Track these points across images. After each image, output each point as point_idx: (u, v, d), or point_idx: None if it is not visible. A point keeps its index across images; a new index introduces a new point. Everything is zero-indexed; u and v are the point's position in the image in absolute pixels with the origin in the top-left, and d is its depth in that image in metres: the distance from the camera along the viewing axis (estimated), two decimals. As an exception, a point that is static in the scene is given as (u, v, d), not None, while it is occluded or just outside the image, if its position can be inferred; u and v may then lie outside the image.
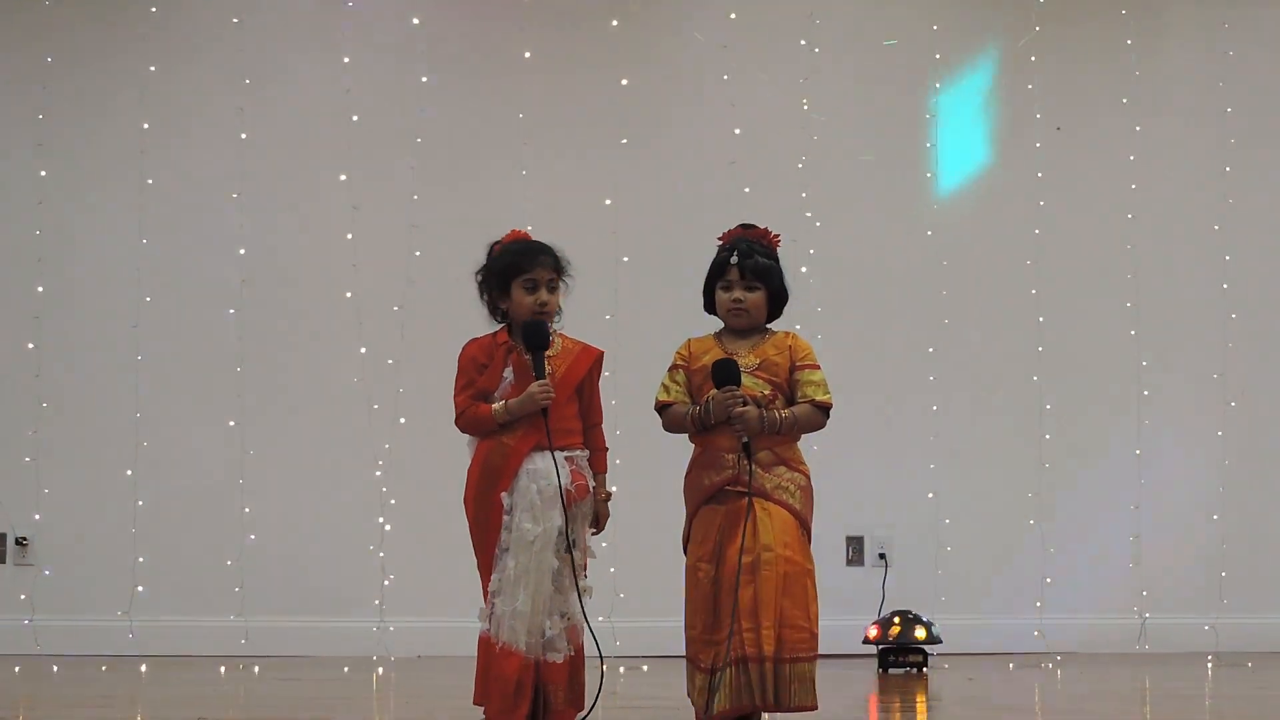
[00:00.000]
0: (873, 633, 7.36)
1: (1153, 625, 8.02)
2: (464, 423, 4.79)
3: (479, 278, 4.91)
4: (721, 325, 4.92)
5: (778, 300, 4.86)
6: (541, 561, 4.69)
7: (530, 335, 4.74)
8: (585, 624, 4.75)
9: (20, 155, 7.98)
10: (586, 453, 4.86)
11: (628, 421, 6.47)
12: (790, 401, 4.79)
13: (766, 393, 4.74)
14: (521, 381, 4.75)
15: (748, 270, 4.80)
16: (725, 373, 4.70)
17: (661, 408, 4.86)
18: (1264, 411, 8.19)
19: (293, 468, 7.89)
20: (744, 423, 4.66)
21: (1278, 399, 8.22)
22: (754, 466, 4.69)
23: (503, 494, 4.70)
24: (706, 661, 4.67)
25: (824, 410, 4.79)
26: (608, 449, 4.94)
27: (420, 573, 7.67)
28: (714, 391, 4.70)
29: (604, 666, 4.78)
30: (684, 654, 4.83)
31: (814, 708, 4.71)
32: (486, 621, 4.72)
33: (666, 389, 4.87)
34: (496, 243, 4.93)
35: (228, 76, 8.00)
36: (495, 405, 4.72)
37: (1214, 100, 8.30)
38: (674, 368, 4.89)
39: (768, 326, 4.90)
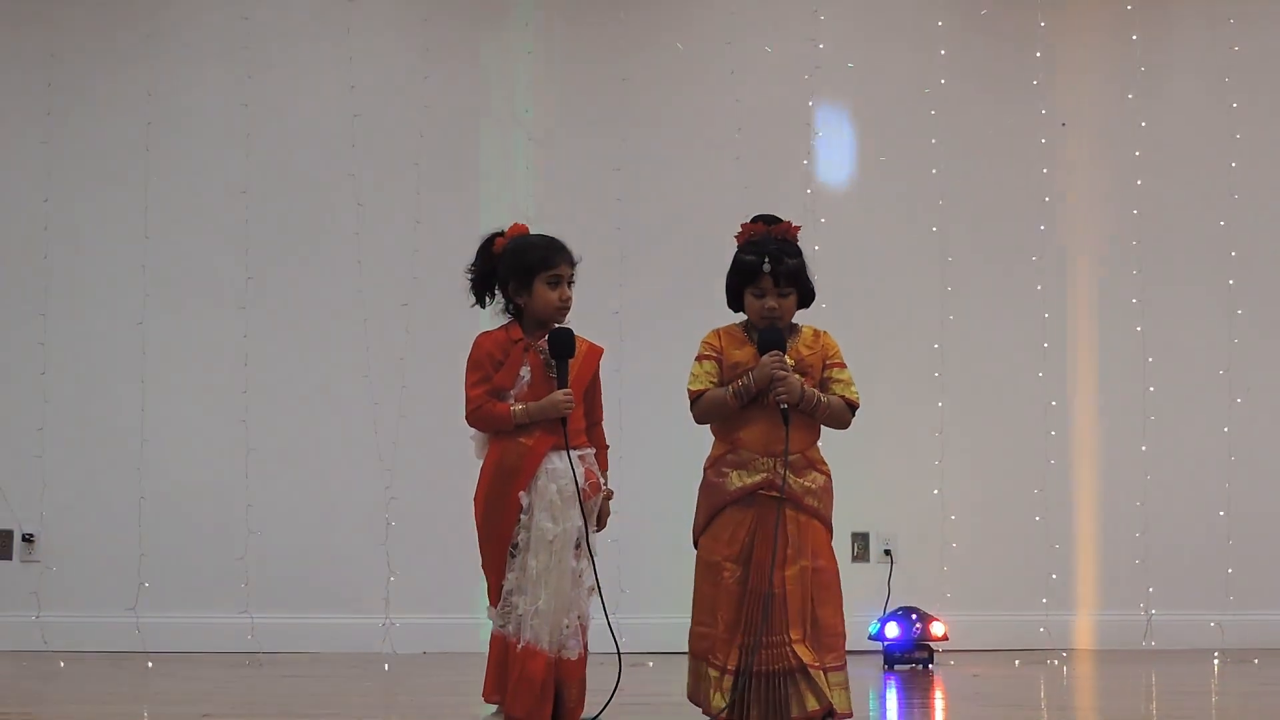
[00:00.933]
0: (879, 629, 7.36)
1: (1158, 622, 8.01)
2: (477, 418, 4.76)
3: (471, 274, 4.89)
4: (743, 319, 4.91)
5: (807, 298, 4.86)
6: (561, 561, 4.70)
7: (558, 344, 4.73)
8: (607, 623, 4.76)
9: (26, 152, 7.97)
10: (593, 450, 4.87)
11: (633, 417, 6.50)
12: (820, 403, 4.82)
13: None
14: (538, 384, 4.74)
15: (781, 277, 4.77)
16: (772, 339, 4.71)
17: (696, 396, 4.82)
18: (1270, 407, 8.17)
19: (298, 464, 7.89)
20: (787, 387, 4.66)
21: (1283, 395, 8.23)
22: (788, 471, 4.69)
23: (520, 493, 4.70)
24: (723, 659, 4.67)
25: (853, 409, 4.82)
26: (608, 446, 4.95)
27: (426, 569, 7.67)
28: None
29: (620, 665, 4.78)
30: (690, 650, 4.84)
31: (850, 715, 4.73)
32: (501, 620, 4.71)
33: (697, 377, 4.83)
34: (498, 235, 4.90)
35: (232, 75, 7.99)
36: (515, 407, 4.71)
37: (1219, 96, 8.28)
38: (704, 357, 4.85)
39: (793, 322, 4.90)
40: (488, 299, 4.89)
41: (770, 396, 4.69)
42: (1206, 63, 8.35)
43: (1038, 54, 8.22)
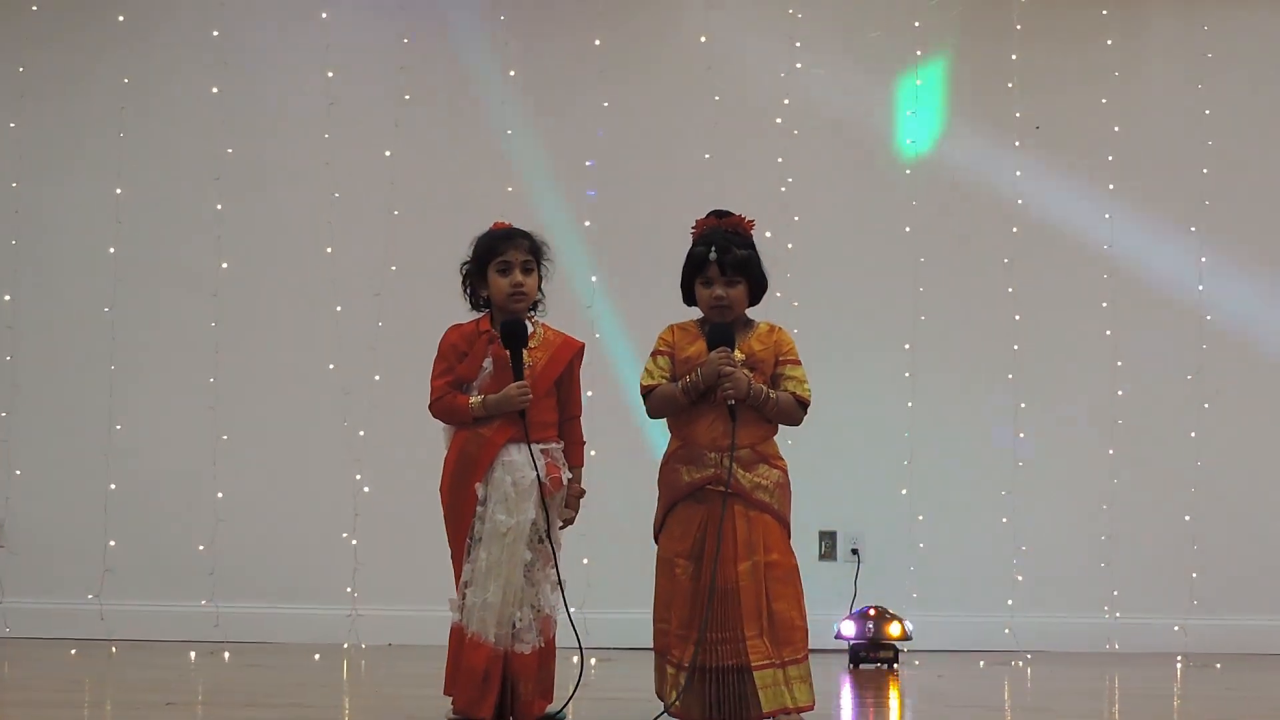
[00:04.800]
0: (844, 628, 7.38)
1: (1122, 625, 8.04)
2: (438, 409, 4.80)
3: (464, 270, 4.93)
4: (701, 315, 4.93)
5: (758, 289, 4.87)
6: (514, 554, 4.69)
7: (509, 333, 4.74)
8: (568, 617, 4.75)
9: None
10: (561, 445, 4.86)
11: (603, 412, 6.48)
12: (773, 397, 4.81)
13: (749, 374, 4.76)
14: (500, 375, 4.75)
15: (727, 266, 4.80)
16: (721, 335, 4.72)
17: (647, 391, 4.85)
18: (1237, 413, 8.21)
19: (266, 453, 7.87)
20: (734, 383, 4.68)
21: (1251, 401, 8.25)
22: (734, 465, 4.70)
23: (477, 485, 4.71)
24: (678, 656, 4.68)
25: (803, 405, 4.82)
26: (584, 442, 4.94)
27: (392, 560, 7.66)
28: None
29: (582, 660, 4.78)
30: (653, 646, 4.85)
31: (811, 706, 4.74)
32: (458, 612, 4.73)
33: (650, 373, 4.86)
34: (481, 236, 4.95)
35: (206, 90, 7.95)
36: (473, 399, 4.73)
37: (1192, 102, 8.31)
38: (658, 353, 4.89)
39: (749, 318, 4.92)
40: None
41: (718, 392, 4.71)
42: (1180, 68, 8.38)
43: (1013, 57, 8.24)
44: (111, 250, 7.87)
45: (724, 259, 4.79)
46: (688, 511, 4.77)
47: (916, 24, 8.21)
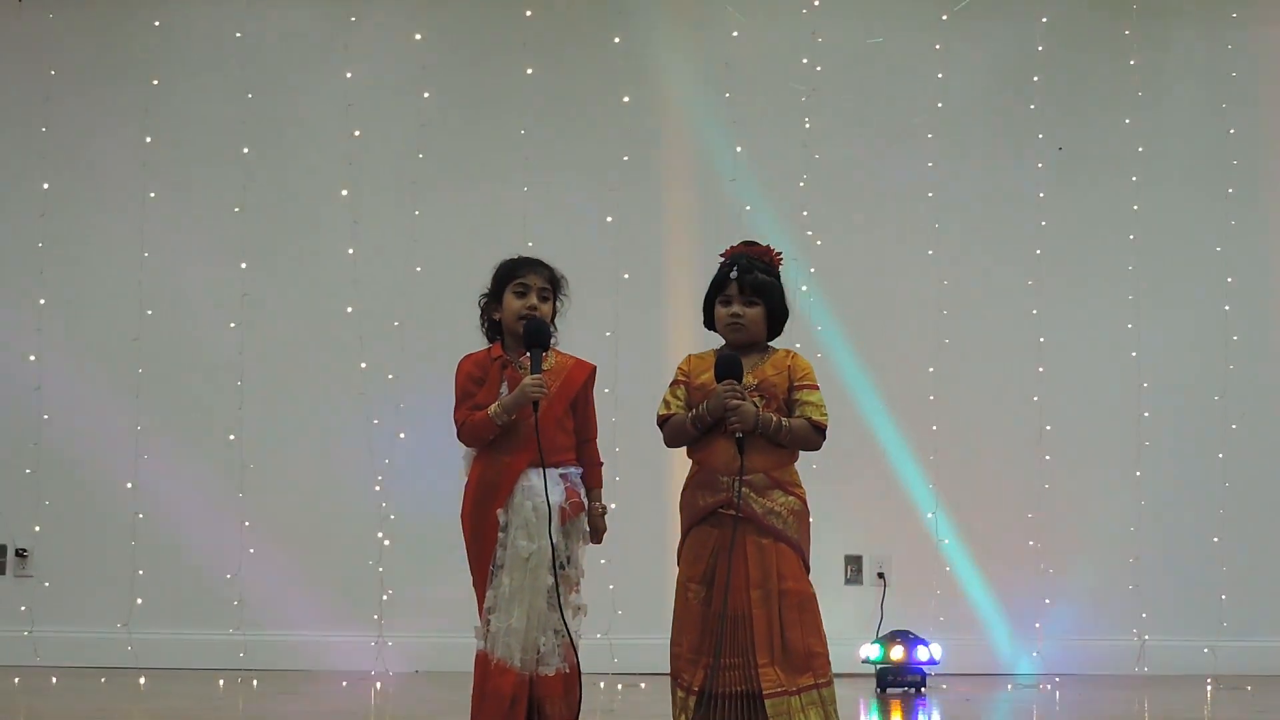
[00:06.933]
0: (871, 652, 7.36)
1: (1152, 647, 8.00)
2: (465, 434, 4.78)
3: (481, 302, 4.92)
4: (723, 342, 4.92)
5: (776, 318, 4.84)
6: (536, 579, 4.69)
7: (531, 333, 4.73)
8: (569, 637, 4.73)
9: (23, 167, 8.00)
10: (579, 469, 4.86)
11: (627, 438, 6.49)
12: (789, 422, 4.79)
13: (759, 403, 4.73)
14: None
15: (747, 285, 4.79)
16: (727, 366, 4.70)
17: (662, 421, 4.84)
18: (1264, 434, 8.17)
19: (292, 482, 7.89)
20: (740, 416, 4.65)
21: (1278, 422, 8.21)
22: (746, 489, 4.68)
23: (498, 511, 4.71)
24: (688, 680, 4.67)
25: (819, 430, 4.77)
26: (603, 464, 4.94)
27: (419, 588, 7.66)
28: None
29: (580, 685, 4.78)
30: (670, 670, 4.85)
31: None
32: (482, 638, 4.73)
33: (667, 404, 4.85)
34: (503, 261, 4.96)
35: (230, 90, 8.02)
36: (491, 408, 4.71)
37: (1217, 122, 8.29)
38: (675, 383, 4.87)
39: (769, 345, 4.90)
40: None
41: (726, 425, 4.69)
42: (1204, 88, 8.36)
43: (1035, 78, 8.23)
44: (138, 281, 7.89)
45: (744, 279, 4.79)
46: (702, 536, 4.75)
47: (937, 46, 8.21)
